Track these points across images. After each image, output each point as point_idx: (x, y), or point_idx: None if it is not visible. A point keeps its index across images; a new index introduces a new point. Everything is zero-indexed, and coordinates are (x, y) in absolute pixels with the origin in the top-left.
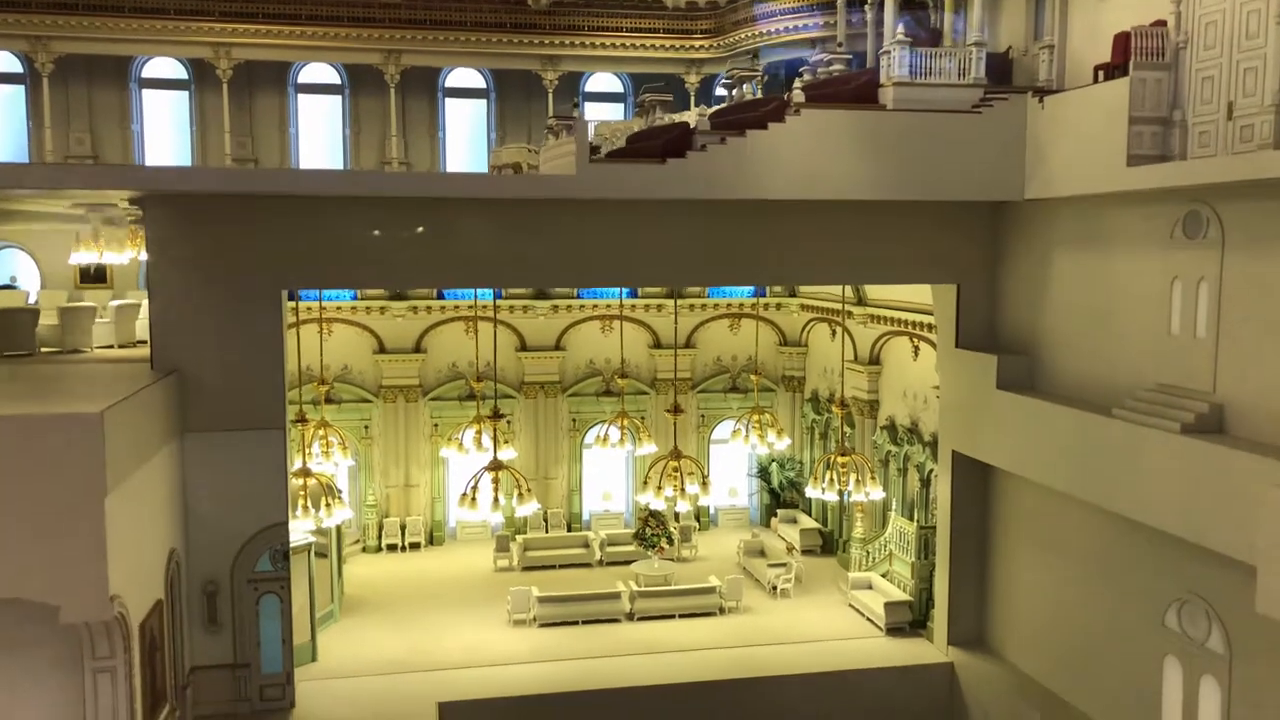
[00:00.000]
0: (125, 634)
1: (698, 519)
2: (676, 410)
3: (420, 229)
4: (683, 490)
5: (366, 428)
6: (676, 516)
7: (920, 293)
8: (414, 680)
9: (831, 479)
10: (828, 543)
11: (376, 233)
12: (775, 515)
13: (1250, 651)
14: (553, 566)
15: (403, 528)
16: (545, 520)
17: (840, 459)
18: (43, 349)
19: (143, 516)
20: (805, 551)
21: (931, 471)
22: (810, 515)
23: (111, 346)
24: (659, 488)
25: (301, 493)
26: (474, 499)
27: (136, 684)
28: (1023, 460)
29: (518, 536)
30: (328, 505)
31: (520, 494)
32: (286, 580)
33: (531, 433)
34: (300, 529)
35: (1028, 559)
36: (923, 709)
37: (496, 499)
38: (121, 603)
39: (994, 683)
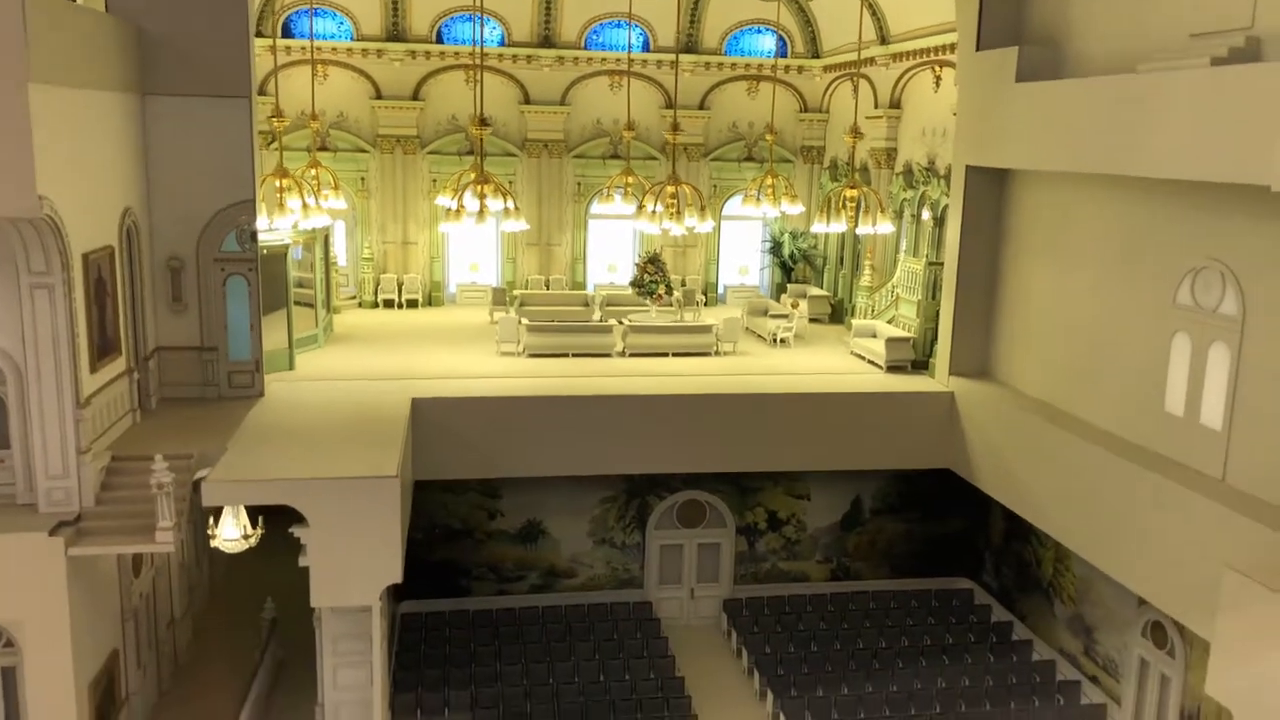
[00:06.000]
0: (63, 251)
1: (705, 294)
2: (675, 129)
3: None
4: (679, 215)
5: (363, 180)
6: (683, 282)
7: (947, 11)
8: (390, 385)
9: (838, 211)
10: (836, 312)
11: None
12: (785, 292)
13: (1265, 306)
14: (551, 322)
15: (400, 285)
16: (547, 285)
17: (849, 192)
18: None
19: (88, 149)
20: (813, 320)
21: (945, 208)
22: (821, 288)
23: None
24: (654, 212)
25: (278, 192)
26: (459, 212)
27: (79, 311)
28: (1040, 152)
29: (516, 292)
30: (306, 206)
31: (507, 210)
32: (254, 262)
33: (534, 196)
34: (279, 227)
35: (1038, 272)
36: (919, 433)
37: (483, 211)
38: (53, 208)
39: (994, 404)
